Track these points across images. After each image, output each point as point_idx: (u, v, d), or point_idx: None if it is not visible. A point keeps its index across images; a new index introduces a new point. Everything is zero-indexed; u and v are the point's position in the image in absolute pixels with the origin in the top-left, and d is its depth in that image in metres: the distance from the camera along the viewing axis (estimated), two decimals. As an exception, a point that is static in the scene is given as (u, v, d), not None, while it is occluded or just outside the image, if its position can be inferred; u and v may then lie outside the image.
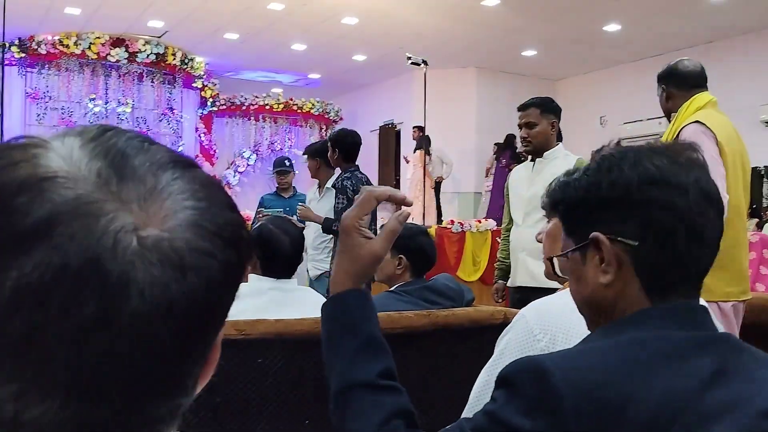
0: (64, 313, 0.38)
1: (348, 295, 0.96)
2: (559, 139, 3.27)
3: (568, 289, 1.28)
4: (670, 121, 2.92)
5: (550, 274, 1.37)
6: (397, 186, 10.37)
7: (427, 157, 9.31)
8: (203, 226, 0.42)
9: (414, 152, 9.96)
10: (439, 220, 8.63)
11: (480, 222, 7.35)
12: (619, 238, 0.84)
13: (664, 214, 0.82)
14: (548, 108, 3.18)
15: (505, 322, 1.95)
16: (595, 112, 10.52)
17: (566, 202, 0.89)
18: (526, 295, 3.04)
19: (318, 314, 1.78)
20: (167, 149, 0.46)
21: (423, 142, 9.70)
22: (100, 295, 0.38)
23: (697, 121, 2.67)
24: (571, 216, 0.90)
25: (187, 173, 0.45)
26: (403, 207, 0.98)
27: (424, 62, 7.03)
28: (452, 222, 7.19)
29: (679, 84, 2.85)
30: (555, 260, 0.96)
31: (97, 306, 0.38)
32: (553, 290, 1.44)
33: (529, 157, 3.28)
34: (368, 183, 4.09)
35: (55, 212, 0.39)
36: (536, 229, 3.01)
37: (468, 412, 1.22)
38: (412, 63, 7.03)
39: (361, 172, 4.12)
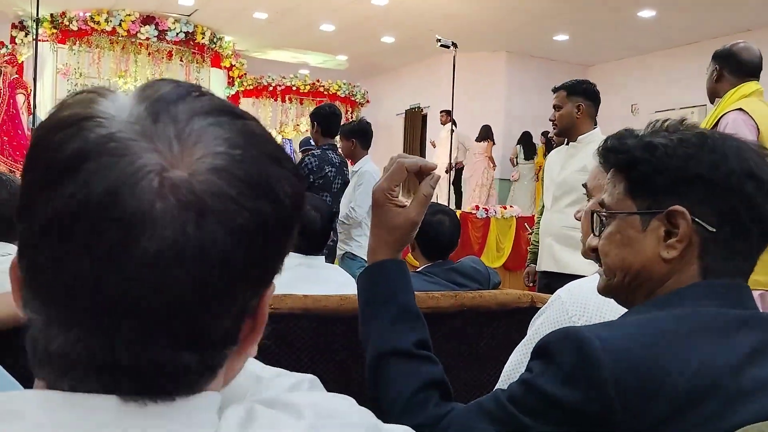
0: (84, 248, 0.39)
1: (387, 265, 0.97)
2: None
3: None
4: (712, 103, 2.86)
5: (589, 253, 1.35)
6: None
7: (457, 144, 9.24)
8: (232, 172, 0.42)
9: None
10: (458, 206, 8.58)
11: (505, 208, 7.31)
12: (697, 219, 0.82)
13: (747, 209, 0.82)
14: (575, 90, 3.10)
15: (532, 306, 1.93)
16: (626, 99, 10.35)
17: (652, 165, 0.85)
18: (551, 280, 3.02)
19: (343, 292, 1.79)
20: (219, 100, 0.46)
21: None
22: (116, 230, 0.39)
23: (739, 109, 2.63)
24: (649, 179, 0.86)
25: (230, 122, 0.44)
26: (432, 173, 0.99)
27: (454, 45, 6.95)
28: (477, 208, 7.16)
29: (734, 69, 2.79)
30: (595, 215, 0.93)
31: (113, 241, 0.39)
32: (577, 277, 1.41)
33: (565, 140, 3.22)
34: (341, 165, 3.93)
35: (85, 149, 0.40)
36: (563, 214, 3.00)
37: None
38: (441, 45, 6.95)
39: (336, 154, 3.97)
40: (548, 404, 0.76)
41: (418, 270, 2.26)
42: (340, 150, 4.37)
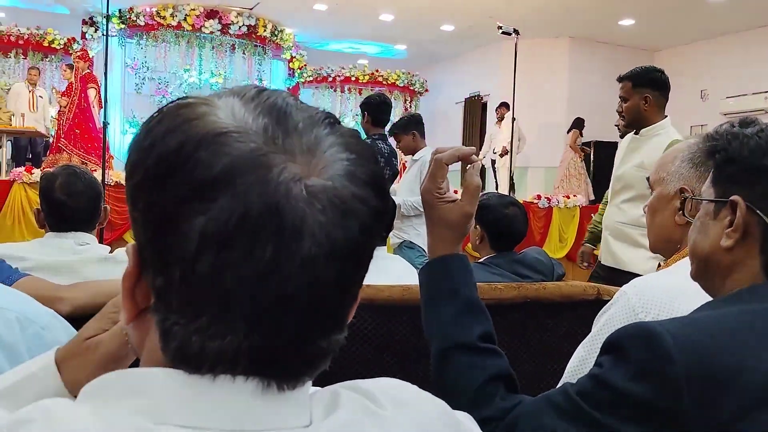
0: (247, 255, 0.43)
1: (449, 259, 0.97)
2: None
3: (671, 267, 1.22)
4: None
5: (656, 247, 1.32)
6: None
7: (518, 135, 9.09)
8: (357, 175, 0.47)
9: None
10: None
11: (568, 198, 7.17)
12: (757, 211, 0.82)
13: None
14: (641, 81, 2.91)
15: (598, 299, 1.89)
16: (696, 85, 9.99)
17: (727, 153, 0.87)
18: (609, 274, 2.93)
19: (405, 282, 1.79)
20: (315, 108, 0.50)
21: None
22: (277, 239, 0.43)
23: None
24: (723, 168, 0.88)
25: (337, 128, 0.49)
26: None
27: (515, 32, 6.82)
28: (539, 197, 7.05)
29: None
30: (687, 201, 0.98)
31: (274, 248, 0.43)
32: (634, 275, 1.38)
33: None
34: (390, 156, 3.94)
35: (234, 164, 0.43)
36: (619, 210, 2.92)
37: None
38: (503, 33, 6.84)
39: (386, 144, 3.95)
40: (618, 399, 0.75)
41: (480, 261, 2.25)
42: (401, 145, 4.35)
